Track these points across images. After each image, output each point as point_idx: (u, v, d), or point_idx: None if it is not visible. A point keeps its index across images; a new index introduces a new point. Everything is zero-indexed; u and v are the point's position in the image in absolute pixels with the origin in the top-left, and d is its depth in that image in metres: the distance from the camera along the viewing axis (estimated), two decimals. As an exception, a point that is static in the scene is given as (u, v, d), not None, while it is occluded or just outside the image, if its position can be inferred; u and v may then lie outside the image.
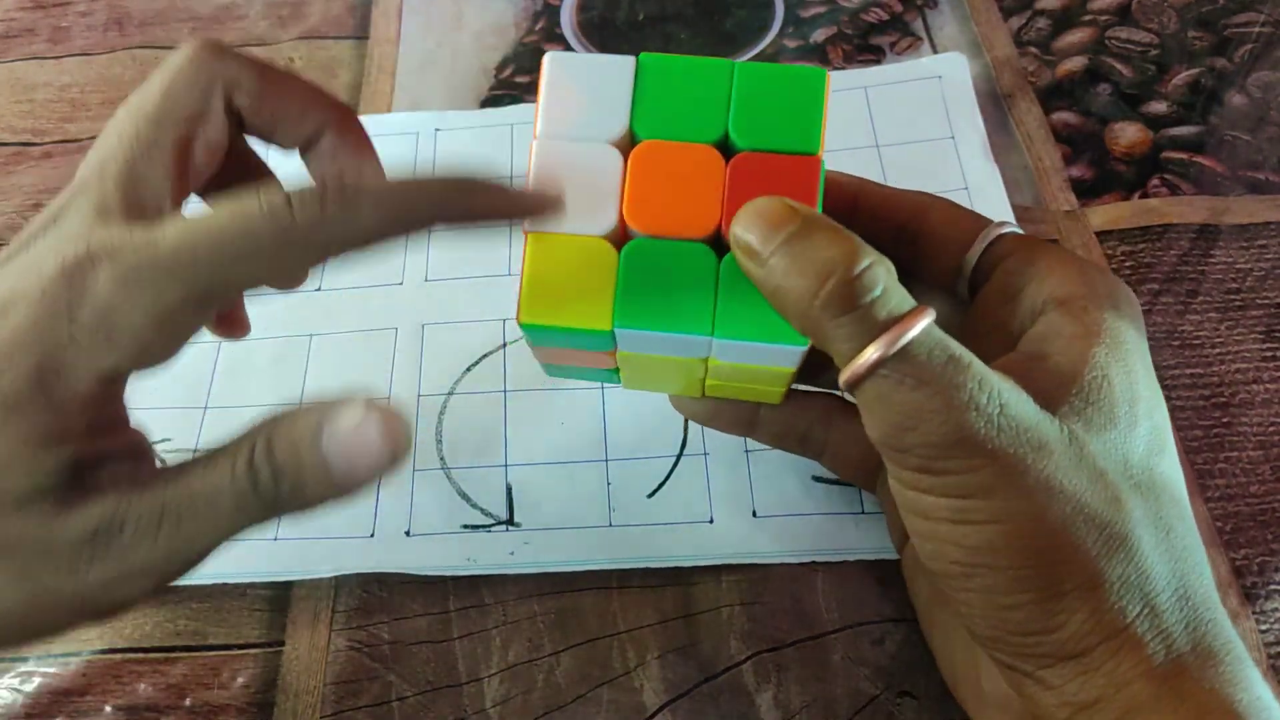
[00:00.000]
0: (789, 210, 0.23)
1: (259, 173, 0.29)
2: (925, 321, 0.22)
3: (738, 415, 0.30)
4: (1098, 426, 0.23)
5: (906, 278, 0.24)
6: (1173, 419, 0.34)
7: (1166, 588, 0.22)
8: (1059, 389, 0.23)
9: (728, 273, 0.24)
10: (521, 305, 0.24)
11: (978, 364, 0.22)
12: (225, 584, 0.33)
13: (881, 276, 0.22)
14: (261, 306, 0.39)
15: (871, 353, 0.21)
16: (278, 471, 0.21)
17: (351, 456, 0.21)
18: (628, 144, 0.25)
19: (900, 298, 0.22)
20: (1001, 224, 0.27)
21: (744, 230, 0.23)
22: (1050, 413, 0.22)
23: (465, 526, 0.33)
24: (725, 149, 0.24)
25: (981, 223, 0.27)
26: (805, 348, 0.24)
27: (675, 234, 0.24)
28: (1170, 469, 0.24)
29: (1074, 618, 0.22)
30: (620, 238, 0.25)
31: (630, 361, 0.27)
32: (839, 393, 0.27)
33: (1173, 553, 0.22)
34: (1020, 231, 0.27)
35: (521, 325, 0.24)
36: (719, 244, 0.24)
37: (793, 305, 0.22)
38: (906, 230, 0.28)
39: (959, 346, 0.22)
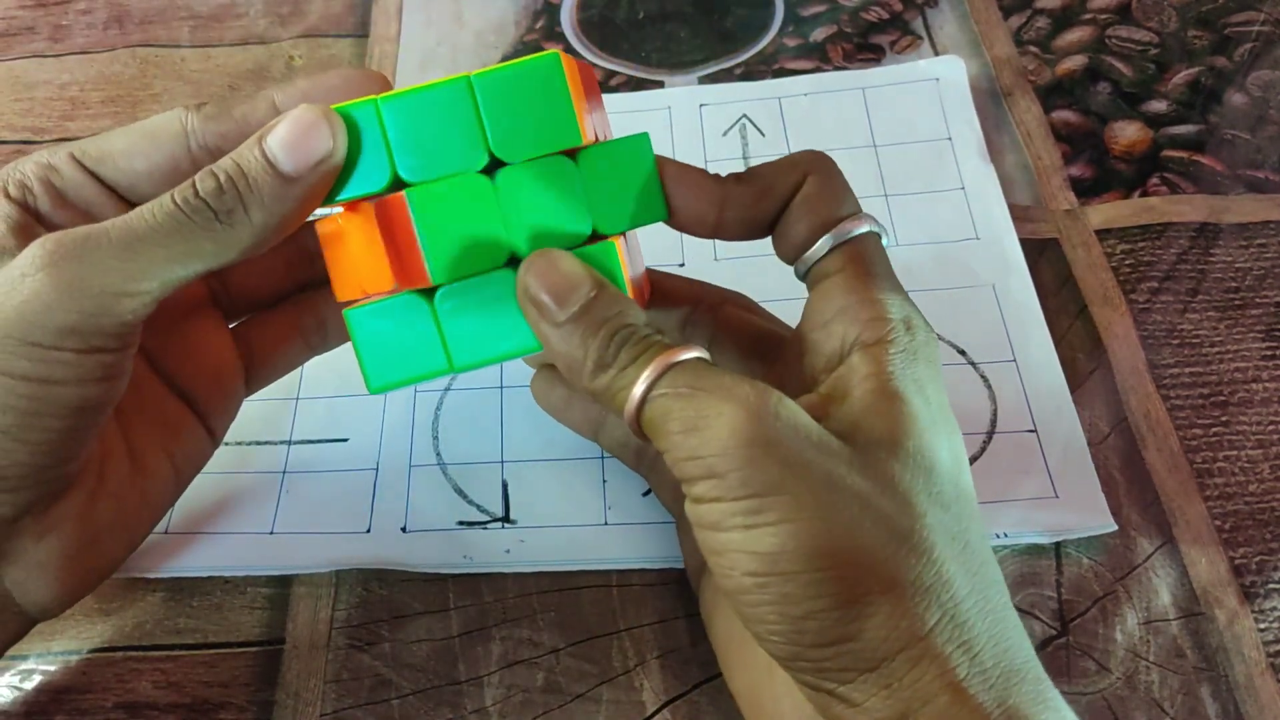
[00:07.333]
0: (584, 274, 0.23)
1: None
2: (694, 353, 0.22)
3: (586, 416, 0.32)
4: (887, 450, 0.22)
5: None
6: (1171, 418, 0.34)
7: (967, 598, 0.21)
8: (853, 428, 0.23)
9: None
10: (365, 375, 0.26)
11: (759, 382, 0.22)
12: (225, 583, 0.33)
13: (636, 321, 0.23)
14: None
15: (641, 385, 0.22)
16: (223, 179, 0.22)
17: (294, 143, 0.22)
18: (397, 188, 0.24)
19: (658, 337, 0.23)
20: (840, 227, 0.25)
21: (537, 287, 0.23)
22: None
23: (461, 523, 0.33)
24: (492, 168, 0.24)
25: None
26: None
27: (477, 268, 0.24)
28: (968, 487, 0.24)
29: (871, 623, 0.21)
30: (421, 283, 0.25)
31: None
32: None
33: (970, 565, 0.22)
34: (860, 231, 0.25)
35: (372, 391, 0.26)
36: (514, 260, 0.25)
37: (578, 375, 0.23)
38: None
39: (731, 373, 0.22)
